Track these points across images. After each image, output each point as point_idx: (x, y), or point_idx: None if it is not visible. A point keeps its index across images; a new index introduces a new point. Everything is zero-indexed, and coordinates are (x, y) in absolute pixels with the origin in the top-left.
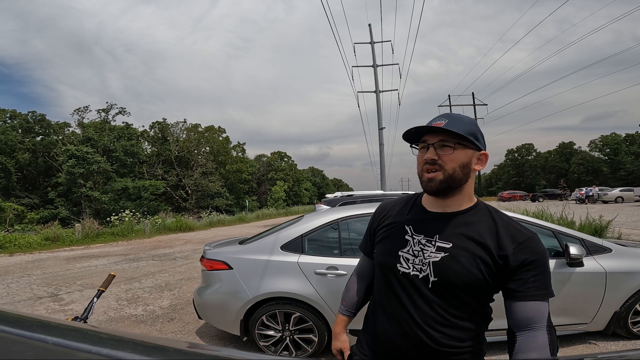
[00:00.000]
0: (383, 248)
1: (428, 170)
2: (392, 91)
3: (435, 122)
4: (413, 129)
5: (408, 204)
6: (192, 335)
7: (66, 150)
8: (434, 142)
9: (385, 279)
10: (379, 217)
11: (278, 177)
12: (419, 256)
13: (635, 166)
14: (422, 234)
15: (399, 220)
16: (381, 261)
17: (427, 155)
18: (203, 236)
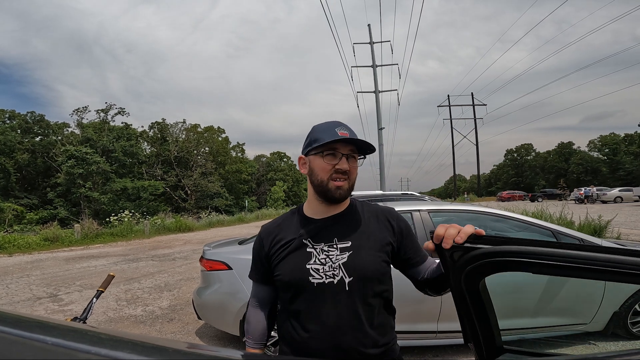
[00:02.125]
0: (287, 267)
1: (337, 179)
2: (391, 91)
3: (341, 131)
4: (333, 141)
5: (293, 220)
6: (191, 335)
7: (65, 151)
8: (345, 152)
9: (299, 297)
10: (268, 241)
11: (277, 178)
12: (327, 263)
13: (634, 166)
14: (321, 242)
15: (293, 236)
16: (290, 280)
17: (341, 165)
18: (202, 236)
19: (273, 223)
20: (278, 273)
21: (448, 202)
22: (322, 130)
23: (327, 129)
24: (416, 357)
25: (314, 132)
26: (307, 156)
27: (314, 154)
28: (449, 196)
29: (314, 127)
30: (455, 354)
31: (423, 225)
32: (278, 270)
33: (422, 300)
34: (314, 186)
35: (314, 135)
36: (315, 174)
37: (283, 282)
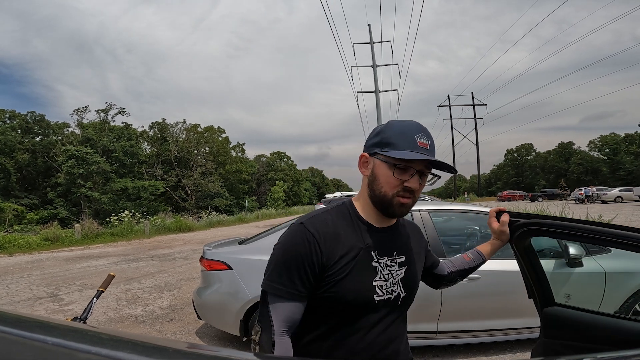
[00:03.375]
0: (353, 284)
1: (403, 196)
2: (391, 91)
3: (421, 141)
4: (421, 159)
5: (351, 224)
6: (191, 335)
7: (65, 151)
8: (419, 168)
9: (354, 315)
10: (326, 246)
11: (277, 178)
12: (389, 279)
13: (634, 166)
14: (384, 255)
15: (359, 245)
16: (354, 299)
17: (411, 184)
18: (202, 236)
19: (324, 222)
20: (337, 290)
21: (448, 202)
22: (399, 134)
23: (406, 134)
24: (416, 357)
25: (389, 132)
26: (371, 156)
27: (383, 160)
28: (449, 196)
29: (389, 125)
30: (455, 354)
31: (423, 225)
32: (339, 287)
33: (422, 300)
34: (374, 195)
35: (389, 137)
36: (379, 184)
37: (342, 301)
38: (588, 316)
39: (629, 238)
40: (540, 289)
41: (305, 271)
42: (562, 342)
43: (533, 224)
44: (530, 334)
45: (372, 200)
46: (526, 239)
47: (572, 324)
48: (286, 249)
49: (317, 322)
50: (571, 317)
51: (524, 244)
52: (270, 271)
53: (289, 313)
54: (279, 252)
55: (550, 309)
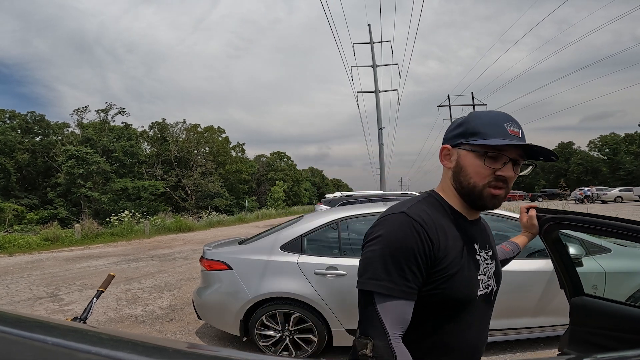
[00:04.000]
0: (463, 280)
1: (496, 186)
2: (391, 91)
3: (512, 129)
4: (529, 145)
5: (447, 214)
6: (191, 335)
7: (65, 151)
8: (512, 156)
9: (459, 315)
10: (436, 239)
11: (277, 178)
12: (487, 273)
13: (634, 166)
14: (483, 249)
15: (462, 238)
16: (463, 296)
17: (505, 172)
18: (202, 236)
19: (426, 212)
20: (450, 286)
21: None
22: (486, 123)
23: (494, 122)
24: None
25: (474, 122)
26: (455, 148)
27: (470, 150)
28: None
29: (473, 115)
30: None
31: None
32: (451, 283)
33: None
34: (461, 187)
35: (475, 126)
36: (467, 175)
37: (453, 298)
38: (613, 306)
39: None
40: (570, 280)
41: (417, 265)
42: (589, 329)
43: (560, 219)
44: (530, 334)
45: (459, 193)
46: (554, 232)
47: (598, 313)
48: (392, 241)
49: (420, 321)
50: (597, 306)
51: (552, 236)
52: (375, 268)
53: (402, 313)
54: (383, 245)
55: (578, 298)
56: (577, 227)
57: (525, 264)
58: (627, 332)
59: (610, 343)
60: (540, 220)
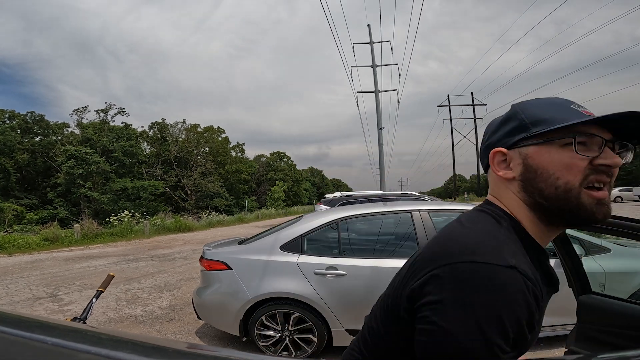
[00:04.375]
0: (534, 339)
1: (598, 185)
2: (391, 91)
3: (584, 109)
4: (589, 120)
5: (533, 255)
6: (191, 335)
7: (65, 151)
8: (608, 138)
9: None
10: (539, 298)
11: (277, 178)
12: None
13: (634, 166)
14: (550, 293)
15: (544, 287)
16: (528, 345)
17: (609, 159)
18: (202, 236)
19: (526, 263)
20: (523, 348)
21: (448, 202)
22: (547, 107)
23: (557, 104)
24: None
25: (530, 110)
26: (515, 149)
27: (542, 142)
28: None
29: (524, 104)
30: None
31: (423, 225)
32: (526, 345)
33: None
34: (543, 199)
35: (535, 114)
36: (550, 177)
37: (524, 351)
38: (620, 304)
39: None
40: (577, 277)
41: (525, 333)
42: (595, 327)
43: None
44: None
45: (539, 209)
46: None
47: (605, 311)
48: (508, 303)
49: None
50: (603, 304)
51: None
52: (487, 337)
53: None
54: (497, 307)
55: (585, 296)
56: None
57: None
58: (634, 330)
59: (617, 340)
60: None
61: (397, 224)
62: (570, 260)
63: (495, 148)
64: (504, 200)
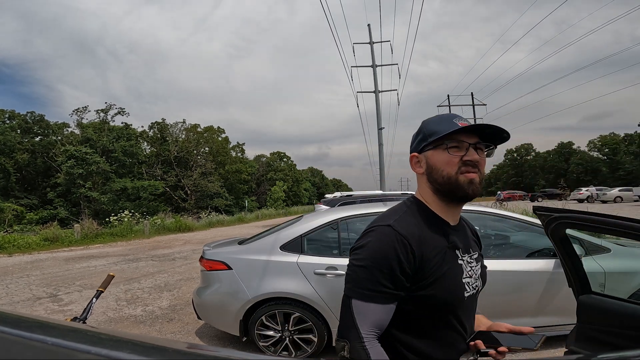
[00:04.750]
0: (446, 283)
1: (467, 171)
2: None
3: (461, 122)
4: (456, 131)
5: (431, 222)
6: (191, 335)
7: (65, 151)
8: (472, 142)
9: (444, 314)
10: (419, 249)
11: (277, 178)
12: (472, 275)
13: (634, 166)
14: (466, 253)
15: (443, 244)
16: (448, 298)
17: (470, 156)
18: (202, 236)
19: (411, 224)
20: (432, 291)
21: None
22: (438, 123)
23: (445, 120)
24: None
25: (428, 126)
26: (421, 153)
27: (433, 148)
28: None
29: (425, 122)
30: None
31: None
32: (434, 288)
33: None
34: (437, 184)
35: (429, 128)
36: (439, 170)
37: (438, 301)
38: (620, 304)
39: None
40: (577, 277)
41: (398, 274)
42: (595, 327)
43: (566, 217)
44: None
45: (438, 192)
46: (561, 230)
47: (605, 311)
48: (376, 252)
49: (412, 323)
50: (603, 304)
51: (559, 235)
52: (358, 276)
53: (377, 318)
54: (366, 255)
55: (585, 296)
56: (583, 225)
57: (525, 264)
58: (634, 330)
59: (617, 340)
60: (547, 219)
61: None
62: (570, 260)
63: (412, 153)
64: (420, 189)
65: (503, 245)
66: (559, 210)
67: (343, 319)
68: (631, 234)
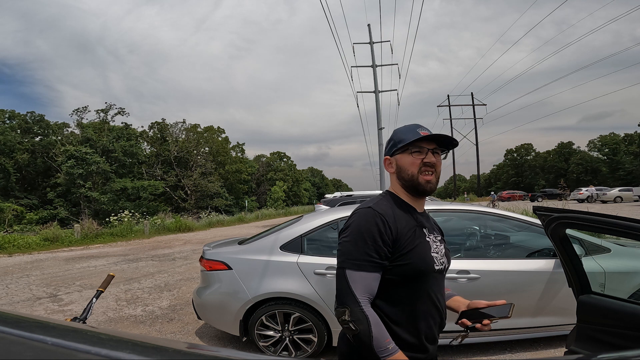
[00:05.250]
0: (418, 254)
1: (425, 172)
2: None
3: (422, 131)
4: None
5: (402, 207)
6: (191, 335)
7: (65, 151)
8: (431, 148)
9: (420, 284)
10: (394, 225)
11: (277, 178)
12: (439, 252)
13: (634, 166)
14: (431, 234)
15: (413, 224)
16: (421, 268)
17: (429, 159)
18: (202, 236)
19: (386, 206)
20: (408, 261)
21: (448, 202)
22: (405, 132)
23: (410, 130)
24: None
25: (398, 135)
26: (392, 156)
27: (401, 152)
28: (449, 196)
29: (395, 131)
30: (455, 354)
31: None
32: (409, 258)
33: None
34: (403, 181)
35: (398, 137)
36: (405, 170)
37: (414, 269)
38: (620, 304)
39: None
40: (577, 277)
41: (379, 245)
42: (595, 327)
43: (566, 217)
44: (530, 334)
45: (405, 187)
46: (561, 230)
47: (605, 311)
48: (361, 228)
49: (392, 292)
50: (603, 304)
51: (560, 234)
52: (347, 250)
53: (368, 284)
54: (353, 231)
55: (585, 296)
56: (583, 225)
57: (525, 264)
58: (634, 330)
59: (617, 340)
60: (547, 219)
61: None
62: (570, 260)
63: (385, 156)
64: (392, 185)
65: (503, 245)
66: (559, 210)
67: (339, 289)
68: (631, 234)
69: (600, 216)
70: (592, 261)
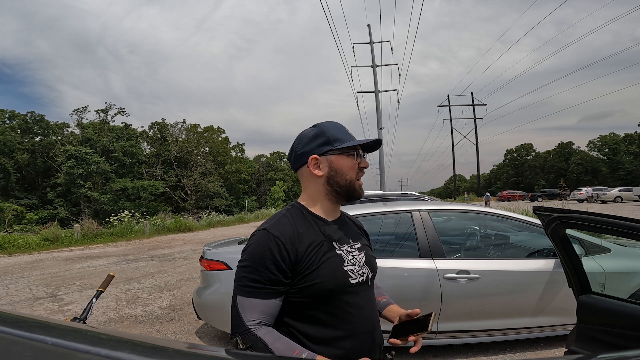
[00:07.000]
0: (327, 272)
1: (359, 177)
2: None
3: (351, 133)
4: (369, 141)
5: (307, 221)
6: (191, 335)
7: (65, 151)
8: (365, 152)
9: (337, 302)
10: (293, 248)
11: (277, 178)
12: (356, 263)
13: (634, 166)
14: (344, 244)
15: (319, 239)
16: (333, 286)
17: (365, 164)
18: (202, 236)
19: (286, 225)
20: (314, 281)
21: (448, 202)
22: (336, 130)
23: (342, 130)
24: (416, 357)
25: (330, 131)
26: (322, 156)
27: (338, 154)
28: (449, 196)
29: (326, 126)
30: (455, 354)
31: (423, 226)
32: (314, 278)
33: (421, 299)
34: (337, 187)
35: (333, 134)
36: (343, 174)
37: (322, 289)
38: (620, 304)
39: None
40: (577, 277)
41: (274, 271)
42: (595, 327)
43: (567, 217)
44: (530, 334)
45: (335, 193)
46: (561, 230)
47: (605, 311)
48: (254, 254)
49: (305, 313)
50: (603, 304)
51: (560, 234)
52: (240, 275)
53: (262, 310)
54: (248, 257)
55: (585, 296)
56: (583, 225)
57: (525, 264)
58: (634, 330)
59: (617, 340)
60: (547, 219)
61: (397, 224)
62: (570, 260)
63: (312, 155)
64: (310, 190)
65: (503, 245)
66: (559, 210)
67: (232, 317)
68: (631, 234)
69: (600, 216)
70: (592, 261)
